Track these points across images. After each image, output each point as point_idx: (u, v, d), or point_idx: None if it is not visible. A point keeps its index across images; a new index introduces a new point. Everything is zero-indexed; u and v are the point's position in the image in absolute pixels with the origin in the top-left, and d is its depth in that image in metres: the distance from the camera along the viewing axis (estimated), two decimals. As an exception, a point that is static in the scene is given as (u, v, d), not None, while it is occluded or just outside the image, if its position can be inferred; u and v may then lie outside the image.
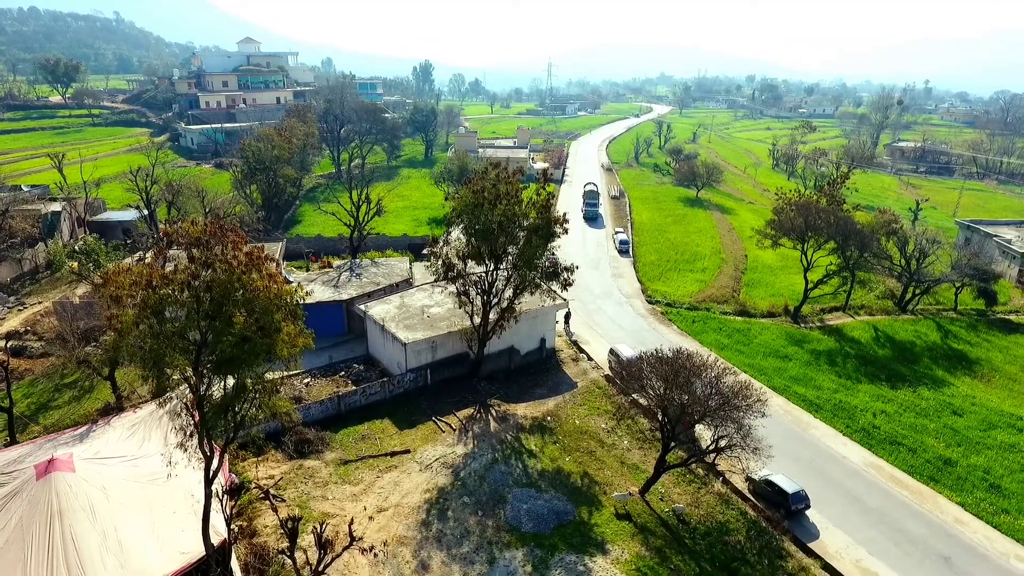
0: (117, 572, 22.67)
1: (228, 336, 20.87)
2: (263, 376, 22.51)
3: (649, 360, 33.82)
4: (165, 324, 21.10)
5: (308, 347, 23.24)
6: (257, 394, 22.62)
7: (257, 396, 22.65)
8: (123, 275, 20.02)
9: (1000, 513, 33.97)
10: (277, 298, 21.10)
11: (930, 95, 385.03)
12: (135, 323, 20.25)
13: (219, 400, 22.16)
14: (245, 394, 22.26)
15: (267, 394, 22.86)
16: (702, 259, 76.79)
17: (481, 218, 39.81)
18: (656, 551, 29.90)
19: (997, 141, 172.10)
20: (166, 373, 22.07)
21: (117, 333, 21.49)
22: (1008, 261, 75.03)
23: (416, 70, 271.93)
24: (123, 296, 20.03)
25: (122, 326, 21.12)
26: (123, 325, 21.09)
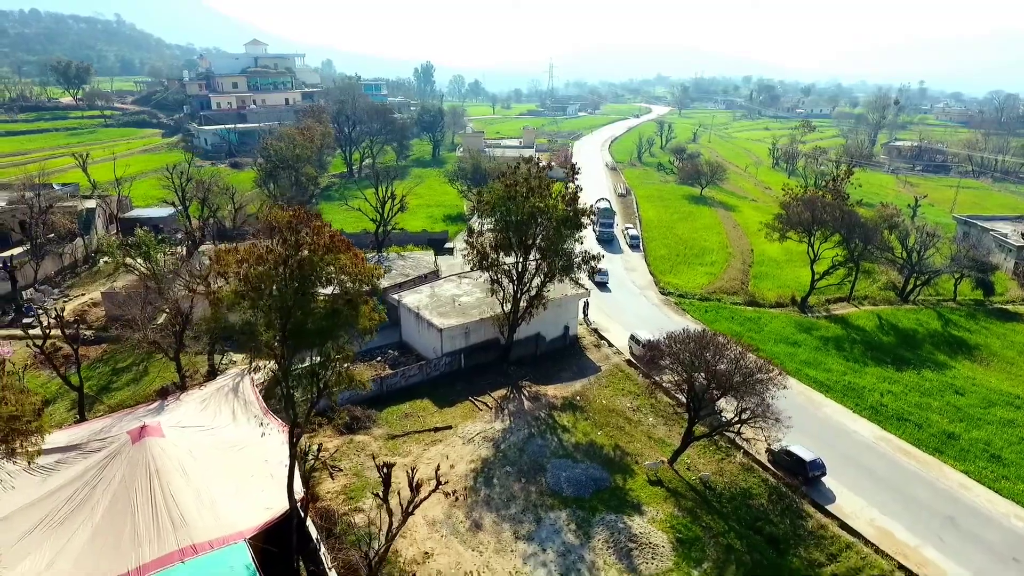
0: (213, 524, 25.18)
1: (319, 309, 23.45)
2: (344, 347, 25.09)
3: (678, 338, 36.52)
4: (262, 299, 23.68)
5: (383, 321, 25.83)
6: (338, 363, 25.17)
7: (338, 365, 25.19)
8: (230, 254, 22.58)
9: (1000, 479, 36.77)
10: (363, 274, 23.68)
11: (925, 95, 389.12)
12: (238, 297, 22.78)
13: (307, 367, 24.73)
14: (329, 362, 24.80)
15: (346, 362, 25.42)
16: (710, 253, 79.60)
17: (514, 210, 42.52)
18: (688, 511, 32.60)
19: (992, 140, 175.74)
20: (259, 343, 24.64)
21: (217, 306, 24.11)
22: (1004, 254, 78.03)
23: (418, 71, 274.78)
24: (229, 272, 22.59)
25: (223, 299, 23.76)
26: (225, 298, 23.73)
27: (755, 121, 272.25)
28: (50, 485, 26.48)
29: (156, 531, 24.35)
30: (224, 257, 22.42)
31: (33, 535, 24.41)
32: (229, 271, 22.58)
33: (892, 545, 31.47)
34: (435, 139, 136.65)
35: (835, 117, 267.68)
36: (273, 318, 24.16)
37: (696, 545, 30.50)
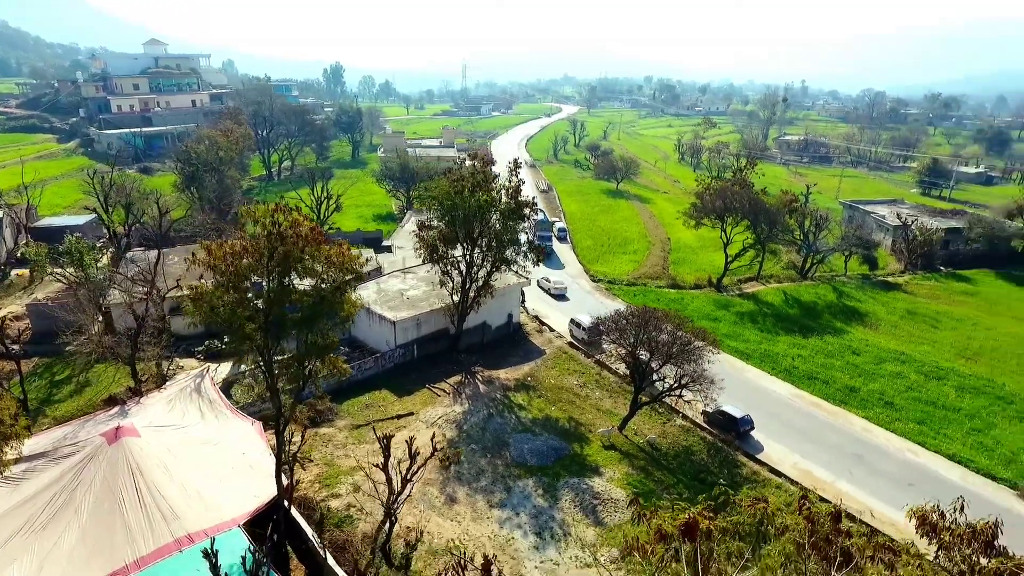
0: (204, 514, 25.84)
1: (306, 298, 24.74)
2: (327, 334, 26.42)
3: (623, 315, 39.99)
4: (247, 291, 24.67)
5: (362, 307, 27.33)
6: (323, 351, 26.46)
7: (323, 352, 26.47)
8: (219, 248, 23.43)
9: (894, 422, 42.84)
10: (348, 263, 25.15)
11: (807, 93, 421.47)
12: (226, 288, 23.68)
13: (293, 356, 25.88)
14: (315, 350, 26.06)
15: (330, 350, 26.74)
16: (632, 242, 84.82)
17: (460, 204, 44.63)
18: (640, 469, 36.08)
19: (866, 134, 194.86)
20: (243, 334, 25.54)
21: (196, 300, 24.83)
22: (883, 233, 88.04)
23: (326, 72, 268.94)
24: (218, 264, 23.43)
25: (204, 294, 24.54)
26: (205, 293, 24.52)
27: (659, 119, 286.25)
28: (23, 493, 26.10)
29: (148, 525, 24.76)
30: (215, 251, 23.26)
31: (15, 542, 24.16)
32: (218, 264, 23.42)
33: (812, 482, 36.31)
34: (354, 140, 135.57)
35: (730, 114, 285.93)
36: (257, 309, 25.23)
37: (651, 497, 33.92)
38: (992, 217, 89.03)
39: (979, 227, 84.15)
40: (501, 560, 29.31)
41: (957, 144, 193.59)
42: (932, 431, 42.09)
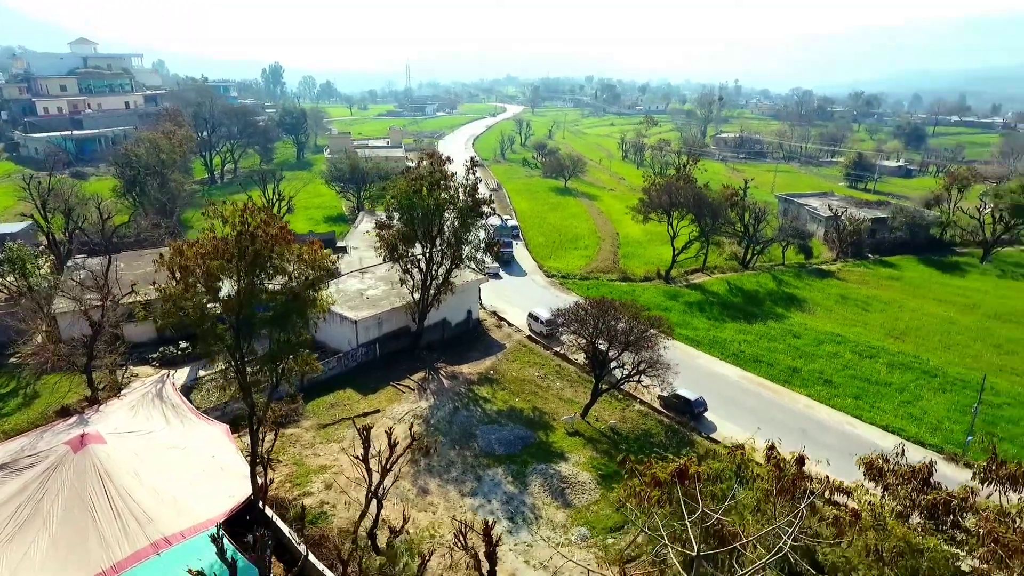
0: (179, 517, 25.75)
1: (279, 295, 25.05)
2: (301, 332, 26.75)
3: (582, 306, 41.52)
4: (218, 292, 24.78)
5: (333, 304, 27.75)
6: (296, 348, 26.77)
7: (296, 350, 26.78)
8: (191, 248, 23.46)
9: (833, 398, 46.01)
10: (320, 259, 25.58)
11: (740, 92, 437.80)
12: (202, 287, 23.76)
13: (266, 354, 26.10)
14: (288, 347, 26.34)
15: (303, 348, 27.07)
16: (582, 238, 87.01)
17: (418, 203, 45.20)
18: (604, 453, 37.68)
19: (796, 130, 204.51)
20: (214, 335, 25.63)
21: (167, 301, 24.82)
22: (816, 224, 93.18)
23: (265, 72, 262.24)
24: (191, 266, 23.47)
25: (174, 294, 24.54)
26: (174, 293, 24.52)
27: (601, 118, 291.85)
28: (-16, 506, 25.35)
29: (123, 530, 24.53)
30: (187, 252, 23.30)
31: (-20, 555, 23.54)
32: (191, 264, 23.47)
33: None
34: (299, 141, 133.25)
35: (669, 113, 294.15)
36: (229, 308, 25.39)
37: (615, 478, 35.53)
38: (913, 207, 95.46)
39: (901, 216, 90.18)
40: (477, 546, 30.25)
41: (879, 139, 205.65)
42: (867, 405, 45.43)
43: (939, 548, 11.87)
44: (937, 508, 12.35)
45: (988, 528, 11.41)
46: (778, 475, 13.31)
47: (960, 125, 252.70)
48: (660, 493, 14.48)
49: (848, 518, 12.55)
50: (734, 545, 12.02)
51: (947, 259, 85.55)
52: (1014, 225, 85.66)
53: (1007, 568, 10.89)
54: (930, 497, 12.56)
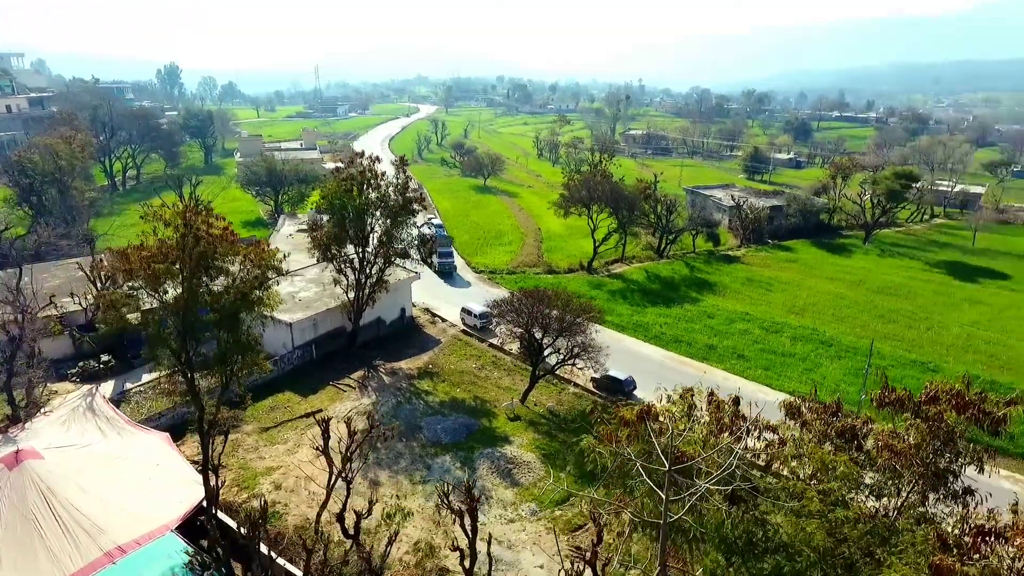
0: (132, 524, 25.36)
1: (227, 295, 25.19)
2: (251, 332, 26.92)
3: (518, 296, 43.37)
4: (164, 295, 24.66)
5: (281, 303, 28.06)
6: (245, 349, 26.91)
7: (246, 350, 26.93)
8: (135, 252, 23.22)
9: (746, 371, 50.39)
10: (268, 258, 25.89)
11: (644, 92, 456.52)
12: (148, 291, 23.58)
13: (216, 355, 26.13)
14: (238, 347, 26.46)
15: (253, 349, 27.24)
16: (506, 235, 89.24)
17: (349, 203, 45.54)
18: (545, 434, 39.73)
19: (698, 127, 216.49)
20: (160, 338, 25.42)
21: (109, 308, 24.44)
22: (721, 213, 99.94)
23: (161, 73, 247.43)
24: (135, 269, 23.26)
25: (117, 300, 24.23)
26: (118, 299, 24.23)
27: (514, 117, 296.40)
28: (-89, 534, 23.96)
29: (73, 544, 23.96)
30: (131, 254, 23.08)
31: (-86, 583, 22.38)
32: (135, 268, 23.26)
33: (689, 426, 42.09)
34: (206, 145, 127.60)
35: (580, 112, 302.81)
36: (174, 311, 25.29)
37: (557, 456, 37.71)
38: (804, 195, 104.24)
39: (795, 204, 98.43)
40: (429, 527, 31.50)
41: (771, 134, 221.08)
42: (775, 374, 50.11)
43: (848, 464, 14.57)
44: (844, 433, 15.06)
45: (884, 441, 14.18)
46: (718, 415, 15.67)
47: (840, 120, 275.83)
48: (629, 431, 16.48)
49: (777, 445, 15.05)
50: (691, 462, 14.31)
51: (835, 241, 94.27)
52: (889, 209, 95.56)
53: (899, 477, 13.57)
54: (838, 424, 15.27)
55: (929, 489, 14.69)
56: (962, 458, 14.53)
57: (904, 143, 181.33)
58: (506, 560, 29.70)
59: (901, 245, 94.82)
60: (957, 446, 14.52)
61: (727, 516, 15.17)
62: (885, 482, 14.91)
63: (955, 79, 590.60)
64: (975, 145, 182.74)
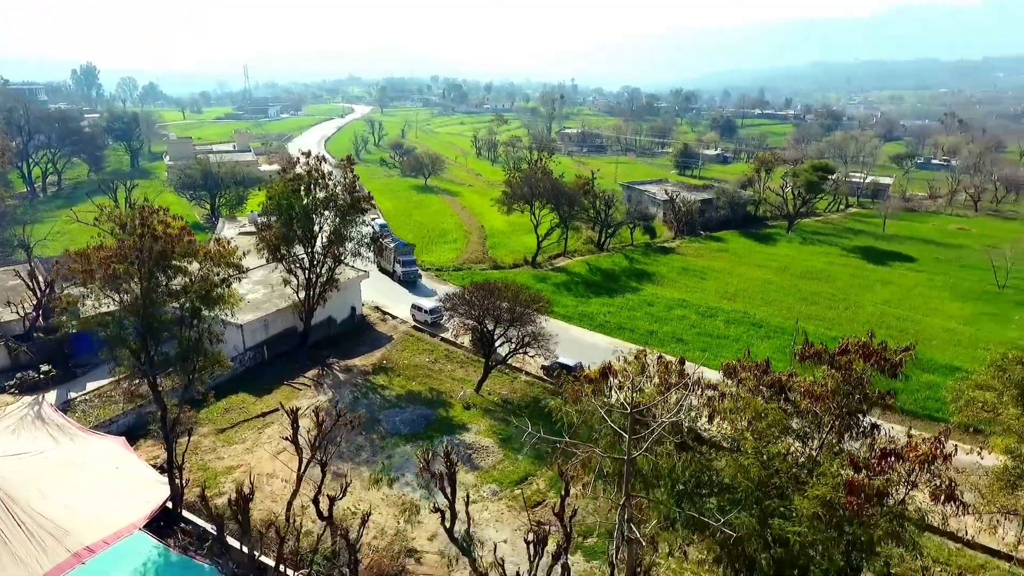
0: (99, 525, 25.38)
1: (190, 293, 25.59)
2: (212, 329, 27.32)
3: (469, 290, 44.80)
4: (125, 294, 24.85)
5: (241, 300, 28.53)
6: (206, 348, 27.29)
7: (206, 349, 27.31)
8: (95, 252, 23.35)
9: (686, 352, 53.33)
10: (228, 255, 26.39)
11: (577, 91, 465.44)
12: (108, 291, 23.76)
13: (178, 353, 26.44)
14: (199, 347, 26.83)
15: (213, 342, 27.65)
16: (450, 232, 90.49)
17: (297, 203, 45.83)
18: (500, 420, 41.39)
19: (630, 125, 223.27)
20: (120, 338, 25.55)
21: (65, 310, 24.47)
22: (656, 207, 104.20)
23: (76, 73, 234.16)
24: (94, 269, 23.39)
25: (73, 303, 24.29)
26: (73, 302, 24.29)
27: (451, 117, 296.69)
28: None
29: (40, 548, 23.87)
30: (92, 255, 23.21)
31: None
32: (93, 268, 23.40)
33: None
34: (132, 148, 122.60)
35: (516, 111, 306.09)
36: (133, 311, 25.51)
37: (514, 440, 39.41)
38: (732, 189, 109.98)
39: (724, 197, 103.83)
40: (395, 512, 32.63)
41: (699, 131, 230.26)
42: (712, 355, 53.46)
43: (777, 411, 16.92)
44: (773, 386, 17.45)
45: (805, 388, 16.61)
46: (666, 374, 17.77)
47: (762, 117, 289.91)
48: (592, 387, 18.34)
49: (717, 399, 17.29)
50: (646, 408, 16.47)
51: (762, 231, 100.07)
52: (809, 199, 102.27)
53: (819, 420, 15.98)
54: (768, 379, 17.63)
55: (844, 429, 17.30)
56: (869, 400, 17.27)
57: (820, 138, 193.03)
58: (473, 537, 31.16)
59: (821, 233, 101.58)
60: (865, 389, 17.22)
61: (677, 460, 17.28)
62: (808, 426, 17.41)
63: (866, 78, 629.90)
64: (883, 139, 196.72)
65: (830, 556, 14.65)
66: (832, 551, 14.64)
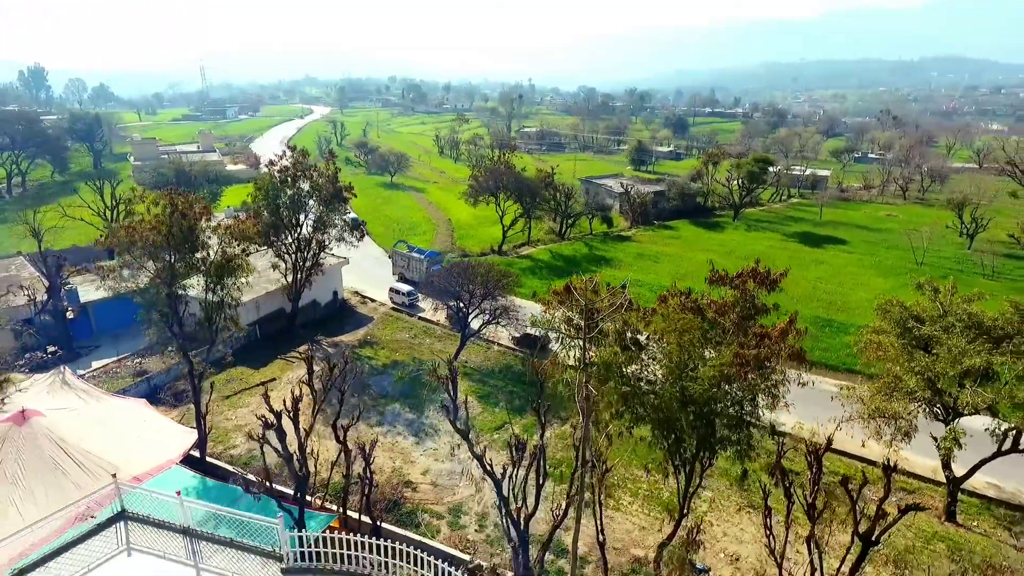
0: (142, 463, 29.49)
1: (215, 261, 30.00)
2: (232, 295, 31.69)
3: (448, 270, 49.76)
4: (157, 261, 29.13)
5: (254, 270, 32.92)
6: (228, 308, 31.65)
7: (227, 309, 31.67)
8: (139, 225, 27.57)
9: (640, 324, 59.64)
10: (247, 229, 30.81)
11: (535, 91, 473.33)
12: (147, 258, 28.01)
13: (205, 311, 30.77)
14: (220, 307, 31.18)
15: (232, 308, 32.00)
16: (419, 226, 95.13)
17: (284, 194, 50.04)
18: (477, 382, 46.58)
19: (587, 124, 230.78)
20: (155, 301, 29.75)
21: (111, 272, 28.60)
22: (612, 199, 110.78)
23: (24, 75, 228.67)
24: (139, 240, 27.61)
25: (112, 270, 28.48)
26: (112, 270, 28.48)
27: (411, 117, 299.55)
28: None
29: (94, 479, 27.85)
30: (136, 227, 27.43)
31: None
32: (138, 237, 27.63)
33: (596, 368, 50.37)
34: (95, 149, 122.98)
35: (475, 111, 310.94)
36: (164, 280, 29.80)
37: (491, 397, 44.63)
38: (683, 182, 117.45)
39: (675, 189, 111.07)
40: (392, 455, 37.46)
41: (653, 129, 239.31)
42: (663, 325, 59.66)
43: (694, 320, 22.60)
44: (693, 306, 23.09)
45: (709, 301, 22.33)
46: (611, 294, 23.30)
47: (712, 115, 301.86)
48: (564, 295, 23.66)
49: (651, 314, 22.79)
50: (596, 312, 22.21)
51: (710, 220, 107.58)
52: (752, 189, 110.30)
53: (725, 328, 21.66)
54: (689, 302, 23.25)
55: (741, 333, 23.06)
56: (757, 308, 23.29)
57: (766, 135, 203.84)
58: (456, 472, 36.28)
59: (764, 221, 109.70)
60: (754, 300, 23.08)
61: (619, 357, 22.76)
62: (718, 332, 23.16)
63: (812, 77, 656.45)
64: (825, 135, 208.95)
65: (725, 409, 20.31)
66: (725, 405, 20.32)
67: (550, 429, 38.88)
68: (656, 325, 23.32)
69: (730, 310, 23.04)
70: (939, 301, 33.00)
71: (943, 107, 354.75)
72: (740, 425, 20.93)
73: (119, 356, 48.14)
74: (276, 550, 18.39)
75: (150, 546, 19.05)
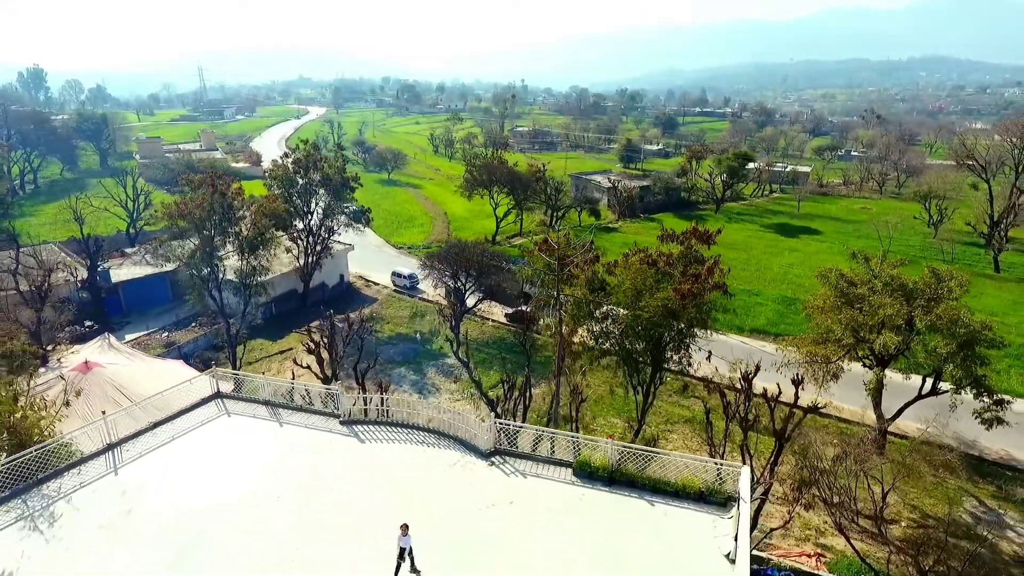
0: (187, 404, 34.53)
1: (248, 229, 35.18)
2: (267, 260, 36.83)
3: (447, 251, 55.08)
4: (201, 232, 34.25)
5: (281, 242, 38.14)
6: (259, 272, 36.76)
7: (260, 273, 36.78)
8: (190, 202, 32.71)
9: (622, 303, 65.14)
10: (277, 208, 35.98)
11: (527, 91, 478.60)
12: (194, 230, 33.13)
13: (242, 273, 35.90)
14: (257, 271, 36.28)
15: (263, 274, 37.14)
16: (417, 218, 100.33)
17: (298, 183, 55.19)
18: (474, 349, 51.73)
19: (579, 123, 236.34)
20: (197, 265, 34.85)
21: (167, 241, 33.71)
22: (601, 193, 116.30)
23: (23, 76, 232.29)
24: (188, 214, 32.74)
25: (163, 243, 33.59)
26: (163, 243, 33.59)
27: (406, 117, 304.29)
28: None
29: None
30: (188, 203, 32.56)
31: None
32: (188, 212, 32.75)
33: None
34: (102, 148, 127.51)
35: (469, 111, 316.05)
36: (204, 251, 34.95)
37: (487, 363, 49.88)
38: (668, 177, 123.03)
39: (660, 184, 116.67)
40: (401, 409, 42.61)
41: (643, 128, 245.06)
42: (644, 304, 65.09)
43: (648, 270, 28.09)
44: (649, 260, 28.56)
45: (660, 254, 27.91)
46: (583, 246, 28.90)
47: (702, 115, 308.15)
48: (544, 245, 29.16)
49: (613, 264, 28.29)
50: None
51: (694, 213, 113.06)
52: (732, 184, 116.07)
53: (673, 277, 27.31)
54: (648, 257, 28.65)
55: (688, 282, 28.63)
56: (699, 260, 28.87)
57: (753, 134, 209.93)
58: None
59: (745, 214, 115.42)
60: (696, 253, 28.56)
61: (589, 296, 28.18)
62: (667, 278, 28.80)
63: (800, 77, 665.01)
64: (811, 134, 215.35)
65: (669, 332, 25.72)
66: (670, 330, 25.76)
67: (536, 388, 44.22)
68: (619, 274, 28.68)
69: (677, 262, 28.47)
70: (870, 267, 38.54)
71: (930, 107, 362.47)
72: (681, 345, 26.34)
73: (149, 330, 53.16)
74: (335, 410, 23.85)
75: (242, 412, 25.22)
